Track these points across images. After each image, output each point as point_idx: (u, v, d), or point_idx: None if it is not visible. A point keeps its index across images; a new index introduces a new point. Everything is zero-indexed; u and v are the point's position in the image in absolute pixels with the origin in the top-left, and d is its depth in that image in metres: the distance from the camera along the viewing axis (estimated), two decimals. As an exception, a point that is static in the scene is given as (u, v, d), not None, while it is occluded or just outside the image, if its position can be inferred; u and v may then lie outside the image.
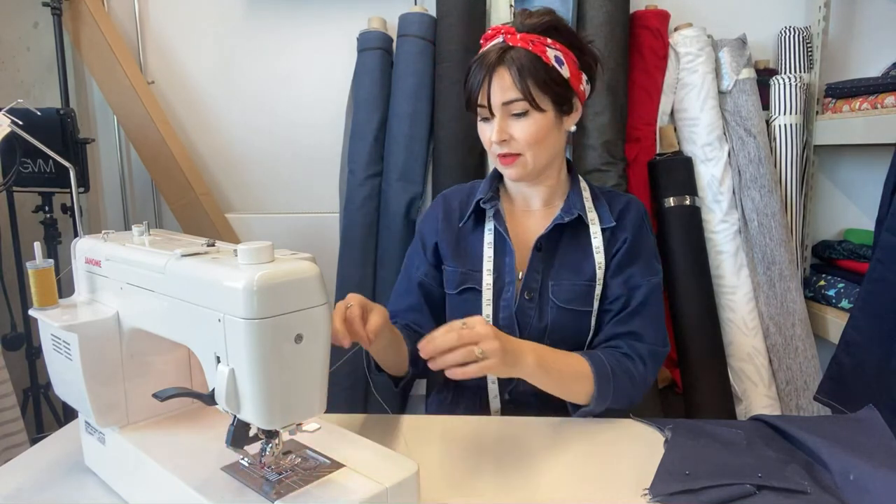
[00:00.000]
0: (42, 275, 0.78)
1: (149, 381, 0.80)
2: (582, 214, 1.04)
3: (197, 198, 2.04)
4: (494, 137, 0.98)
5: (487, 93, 0.96)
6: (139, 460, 0.74)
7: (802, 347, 1.79)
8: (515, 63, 0.94)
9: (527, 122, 0.97)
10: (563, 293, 1.03)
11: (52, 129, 1.73)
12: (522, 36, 0.96)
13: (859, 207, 2.03)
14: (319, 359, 0.64)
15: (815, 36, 1.90)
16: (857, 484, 0.73)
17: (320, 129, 2.12)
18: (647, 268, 1.04)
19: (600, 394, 0.93)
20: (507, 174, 1.03)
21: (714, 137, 1.82)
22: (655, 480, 0.78)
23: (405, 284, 1.15)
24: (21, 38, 2.10)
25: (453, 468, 0.83)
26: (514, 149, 0.99)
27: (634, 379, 0.97)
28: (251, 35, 2.11)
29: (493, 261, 1.06)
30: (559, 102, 0.98)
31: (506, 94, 0.96)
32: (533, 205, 1.09)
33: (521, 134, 0.97)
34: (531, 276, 1.04)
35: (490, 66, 0.96)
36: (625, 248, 1.04)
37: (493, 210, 1.07)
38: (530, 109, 0.96)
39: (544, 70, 0.95)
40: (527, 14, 0.99)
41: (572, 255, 1.04)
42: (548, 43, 0.96)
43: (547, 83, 0.95)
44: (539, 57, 0.95)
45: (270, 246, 0.62)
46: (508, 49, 0.95)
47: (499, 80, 0.96)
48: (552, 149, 1.01)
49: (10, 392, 1.67)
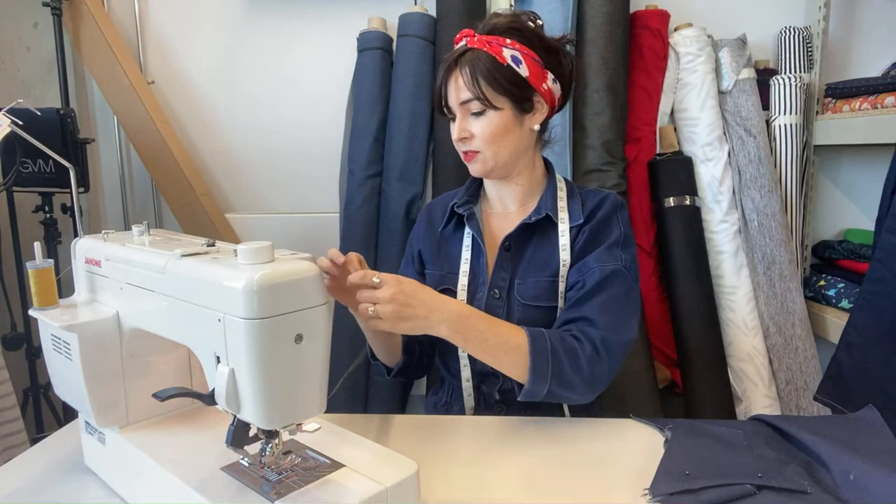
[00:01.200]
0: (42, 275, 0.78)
1: (149, 381, 0.80)
2: (551, 214, 1.05)
3: (197, 198, 2.04)
4: (454, 135, 1.03)
5: (445, 93, 1.02)
6: (139, 460, 0.74)
7: (802, 347, 1.79)
8: (469, 64, 0.98)
9: (484, 121, 1.00)
10: (528, 290, 1.04)
11: (52, 129, 1.73)
12: (480, 38, 0.99)
13: (859, 207, 2.03)
14: (319, 359, 0.64)
15: (815, 36, 1.90)
16: (857, 484, 0.73)
17: (320, 129, 2.12)
18: (605, 254, 1.01)
19: (536, 369, 0.89)
20: (471, 170, 1.06)
21: (714, 137, 1.82)
22: (655, 480, 0.78)
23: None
24: (21, 38, 2.10)
25: (453, 468, 0.83)
26: (473, 146, 1.02)
27: (579, 361, 0.92)
28: (251, 35, 2.12)
29: (469, 262, 1.08)
30: (517, 101, 1.00)
31: (460, 95, 1.00)
32: (508, 206, 1.11)
33: (478, 131, 1.00)
34: (498, 274, 1.06)
35: (448, 68, 1.01)
36: (585, 238, 1.04)
37: (466, 213, 1.10)
38: (486, 108, 0.99)
39: (497, 70, 0.97)
40: (494, 16, 1.03)
41: (540, 254, 1.05)
42: (506, 43, 0.98)
43: (499, 81, 0.98)
44: (493, 57, 0.97)
45: (270, 246, 0.62)
46: (467, 51, 0.99)
47: (454, 82, 1.00)
48: (513, 146, 1.03)
49: (10, 392, 1.67)
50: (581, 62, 1.79)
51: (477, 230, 1.08)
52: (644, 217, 1.85)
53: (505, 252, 1.06)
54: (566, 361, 0.91)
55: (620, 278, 1.00)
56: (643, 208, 1.85)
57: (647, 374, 1.75)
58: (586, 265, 1.01)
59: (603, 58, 1.76)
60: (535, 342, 0.91)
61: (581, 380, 0.92)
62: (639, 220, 1.85)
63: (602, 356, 0.94)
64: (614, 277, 0.99)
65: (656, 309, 1.84)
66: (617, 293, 0.99)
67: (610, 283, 0.99)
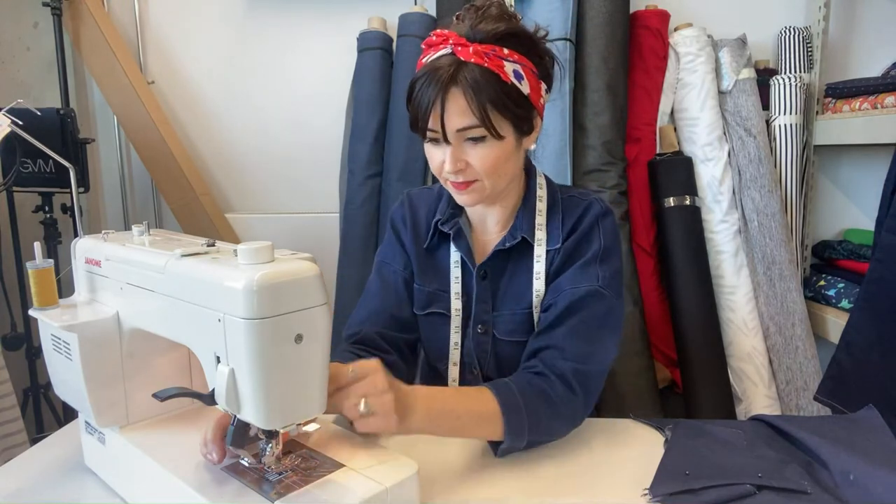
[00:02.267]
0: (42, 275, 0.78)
1: (149, 381, 0.80)
2: (527, 236, 0.93)
3: (197, 198, 2.04)
4: (449, 167, 0.85)
5: (441, 117, 0.82)
6: (139, 460, 0.74)
7: (802, 347, 1.79)
8: (470, 83, 0.80)
9: (485, 149, 0.85)
10: (504, 324, 0.95)
11: (52, 129, 1.73)
12: (476, 48, 0.81)
13: (859, 207, 2.03)
14: (319, 359, 0.64)
15: (815, 36, 1.90)
16: (857, 484, 0.73)
17: (320, 129, 2.12)
18: (580, 274, 0.90)
19: (511, 429, 0.80)
20: (462, 200, 0.91)
21: (714, 137, 1.82)
22: (655, 480, 0.78)
23: (378, 285, 1.03)
24: (21, 38, 2.10)
25: (453, 468, 0.83)
26: (469, 176, 0.87)
27: (554, 403, 0.83)
28: (251, 35, 2.11)
29: (461, 282, 0.96)
30: (519, 124, 0.87)
31: (462, 120, 0.82)
32: (489, 226, 0.99)
33: (478, 161, 0.85)
34: (480, 307, 0.96)
35: (441, 85, 0.81)
36: (561, 257, 0.92)
37: (454, 230, 0.97)
38: (488, 136, 0.84)
39: (503, 90, 0.82)
40: (478, 16, 0.85)
41: (516, 282, 0.95)
42: (505, 55, 0.82)
43: (507, 105, 0.83)
44: (497, 74, 0.81)
45: (270, 246, 0.62)
46: (461, 65, 0.81)
47: (453, 104, 0.82)
48: (511, 173, 0.91)
49: (10, 392, 1.67)
50: (581, 62, 1.79)
51: (466, 250, 0.96)
52: (644, 217, 1.85)
53: (482, 281, 0.95)
54: (538, 407, 0.82)
55: (595, 299, 0.89)
56: (643, 208, 1.85)
57: (647, 374, 1.75)
58: (559, 286, 0.91)
59: (603, 58, 1.76)
60: (504, 402, 0.80)
61: (561, 423, 0.86)
62: (639, 220, 1.85)
63: (576, 392, 0.85)
64: (588, 299, 0.89)
65: (656, 309, 1.84)
66: (590, 316, 0.88)
67: (583, 305, 0.88)
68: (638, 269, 1.82)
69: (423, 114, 0.84)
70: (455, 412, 0.78)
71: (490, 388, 0.82)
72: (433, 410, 0.77)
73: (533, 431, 0.82)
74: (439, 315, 0.99)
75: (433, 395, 0.79)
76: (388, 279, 1.03)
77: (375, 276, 1.05)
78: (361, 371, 0.72)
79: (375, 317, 0.99)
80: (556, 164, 1.76)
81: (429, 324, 1.01)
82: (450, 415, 0.78)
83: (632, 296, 1.76)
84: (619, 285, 0.93)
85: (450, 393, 0.82)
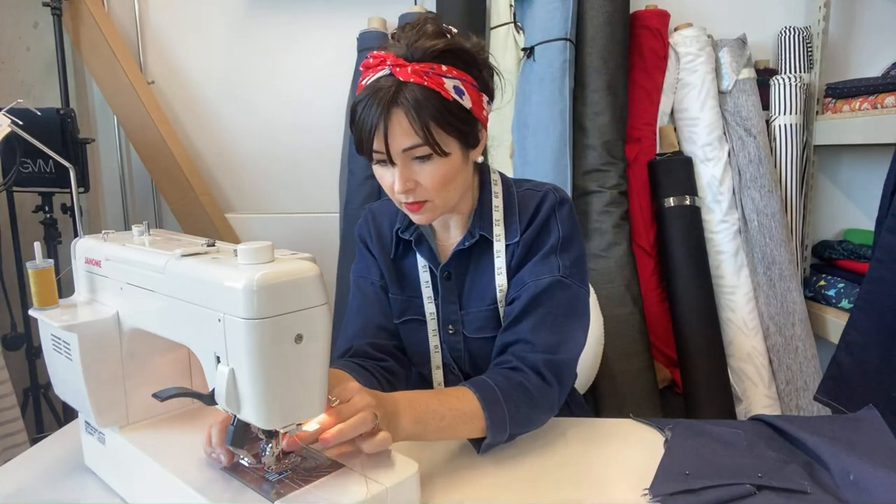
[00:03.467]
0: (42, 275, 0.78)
1: (149, 381, 0.80)
2: (485, 234, 0.94)
3: (197, 198, 2.04)
4: (398, 188, 0.85)
5: (384, 138, 0.82)
6: (139, 460, 0.74)
7: (802, 347, 1.79)
8: (412, 103, 0.80)
9: (432, 167, 0.84)
10: (471, 322, 0.96)
11: (52, 129, 1.73)
12: (414, 67, 0.81)
13: (859, 207, 2.03)
14: (319, 359, 0.64)
15: (815, 36, 1.90)
16: (857, 484, 0.73)
17: (320, 129, 2.12)
18: (540, 265, 0.91)
19: (494, 423, 0.82)
20: (417, 219, 0.91)
21: (714, 137, 1.82)
22: (655, 480, 0.78)
23: (360, 300, 1.04)
24: (21, 38, 2.10)
25: (453, 468, 0.83)
26: (420, 196, 0.87)
27: (531, 395, 0.85)
28: (251, 35, 2.12)
29: (430, 286, 0.98)
30: (464, 139, 0.86)
31: (405, 140, 0.82)
32: (451, 230, 1.00)
33: (427, 180, 0.85)
34: (447, 308, 0.97)
35: (383, 106, 0.81)
36: (520, 251, 0.93)
37: (414, 236, 0.98)
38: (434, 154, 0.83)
39: (444, 107, 0.82)
40: (415, 34, 0.84)
41: (480, 280, 0.96)
42: (443, 72, 0.82)
43: (450, 121, 0.82)
44: (437, 92, 0.81)
45: (270, 246, 0.62)
46: (400, 85, 0.81)
47: (396, 124, 0.81)
48: (462, 186, 0.91)
49: (10, 392, 1.67)
50: (581, 62, 1.79)
51: (429, 255, 0.97)
52: (644, 217, 1.85)
53: (446, 282, 0.97)
54: (518, 400, 0.84)
55: (559, 289, 0.90)
56: (643, 208, 1.85)
57: (647, 374, 1.75)
58: (521, 280, 0.92)
59: (603, 58, 1.76)
60: (484, 397, 0.82)
61: (539, 413, 0.88)
62: (639, 220, 1.85)
63: (550, 381, 0.86)
64: (552, 289, 0.90)
65: (656, 309, 1.84)
66: (555, 306, 0.90)
67: (547, 296, 0.89)
68: (638, 269, 1.82)
69: (367, 136, 0.83)
70: (439, 413, 0.79)
71: (468, 385, 0.84)
72: (418, 413, 0.78)
73: (514, 424, 0.84)
74: (416, 321, 1.00)
75: (416, 398, 0.80)
76: (367, 292, 1.04)
77: (355, 292, 1.06)
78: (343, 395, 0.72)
79: (363, 331, 1.01)
80: (556, 164, 1.76)
81: (407, 330, 1.02)
82: (434, 415, 0.79)
83: (632, 296, 1.76)
84: (582, 272, 0.94)
85: (431, 395, 0.82)
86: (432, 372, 1.00)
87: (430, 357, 1.00)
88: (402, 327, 1.02)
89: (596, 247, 1.77)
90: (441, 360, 1.00)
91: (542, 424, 0.90)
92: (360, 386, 0.74)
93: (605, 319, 1.33)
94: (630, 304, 1.75)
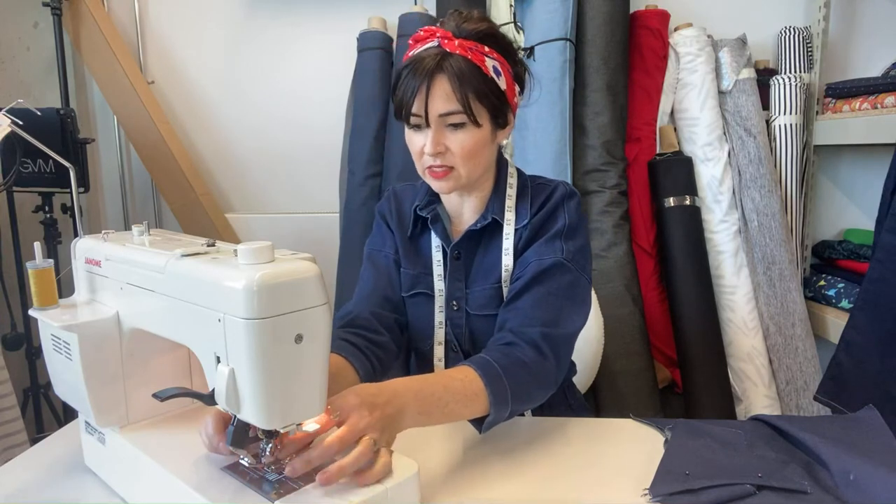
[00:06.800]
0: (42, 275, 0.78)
1: (149, 381, 0.80)
2: (497, 217, 0.99)
3: (197, 198, 2.04)
4: (429, 149, 0.91)
5: (425, 101, 0.89)
6: (139, 460, 0.74)
7: (802, 347, 1.79)
8: (455, 71, 0.88)
9: (464, 135, 0.91)
10: (475, 300, 1.00)
11: (52, 129, 1.73)
12: (460, 42, 0.89)
13: (859, 207, 2.03)
14: (319, 359, 0.64)
15: (815, 36, 1.90)
16: (857, 484, 0.73)
17: (320, 129, 2.12)
18: (545, 247, 0.95)
19: (497, 399, 0.83)
20: (438, 187, 0.97)
21: (714, 137, 1.82)
22: (655, 480, 0.78)
23: (371, 271, 1.08)
24: (21, 38, 2.10)
25: (453, 468, 0.83)
26: (447, 161, 0.93)
27: (529, 368, 0.86)
28: (251, 35, 2.12)
29: (442, 264, 1.02)
30: (496, 116, 0.93)
31: (445, 105, 0.89)
32: (465, 214, 1.04)
33: (457, 147, 0.91)
34: (454, 285, 1.01)
35: (428, 72, 0.88)
36: (528, 233, 0.98)
37: (431, 214, 1.03)
38: (467, 122, 0.90)
39: (483, 81, 0.90)
40: (462, 17, 0.93)
41: (487, 260, 1.00)
42: (486, 52, 0.90)
43: (486, 95, 0.90)
44: (479, 67, 0.89)
45: (270, 246, 0.62)
46: (446, 55, 0.89)
47: (438, 88, 0.89)
48: (485, 163, 0.97)
49: (10, 392, 1.67)
50: (581, 62, 1.79)
51: (443, 234, 1.02)
52: (644, 217, 1.85)
53: (455, 261, 1.01)
54: (518, 374, 0.85)
55: (560, 270, 0.94)
56: (643, 208, 1.85)
57: (647, 374, 1.75)
58: (525, 259, 0.96)
59: (603, 58, 1.76)
60: (485, 374, 0.83)
61: (537, 387, 0.89)
62: (639, 220, 1.85)
63: (546, 355, 0.88)
64: (553, 270, 0.94)
65: (656, 309, 1.84)
66: (555, 286, 0.93)
67: (549, 276, 0.93)
68: (638, 269, 1.82)
69: (408, 98, 0.90)
70: (443, 400, 0.79)
71: (469, 363, 0.85)
72: (422, 405, 0.77)
73: (515, 400, 0.84)
74: (423, 295, 1.04)
75: (421, 389, 0.79)
76: (379, 263, 1.08)
77: (367, 264, 1.11)
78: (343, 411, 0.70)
79: (368, 299, 1.05)
80: (556, 164, 1.76)
81: (414, 305, 1.05)
82: (438, 403, 0.79)
83: (632, 296, 1.76)
84: (585, 262, 0.98)
85: (435, 381, 0.82)
86: (434, 348, 1.03)
87: (434, 332, 1.03)
88: (410, 301, 1.06)
89: (596, 247, 1.77)
90: (444, 337, 1.03)
91: (541, 400, 0.91)
92: (358, 397, 0.71)
93: (605, 319, 1.33)
94: (630, 304, 1.75)
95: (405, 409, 0.75)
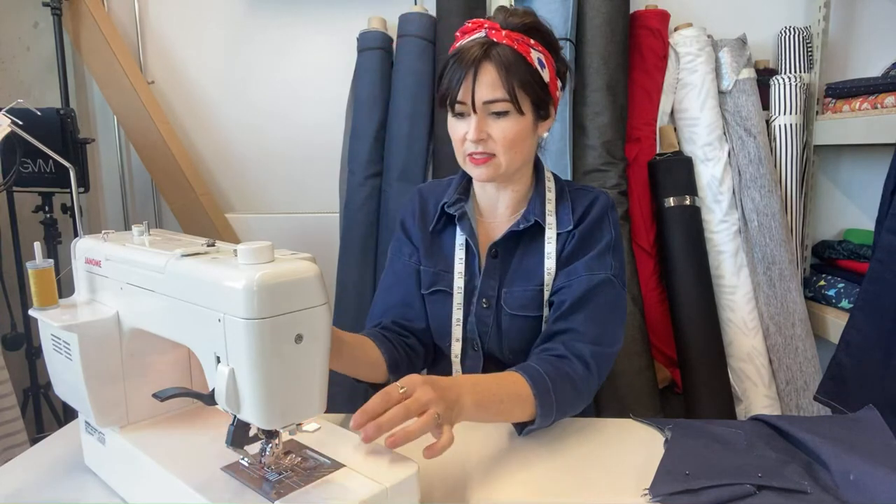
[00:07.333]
0: (42, 275, 0.78)
1: (149, 381, 0.80)
2: (539, 220, 1.00)
3: (197, 198, 2.04)
4: (472, 136, 0.93)
5: (472, 88, 0.91)
6: (139, 460, 0.74)
7: (802, 347, 1.79)
8: (502, 60, 0.90)
9: (506, 123, 0.93)
10: (514, 300, 1.01)
11: (52, 129, 1.73)
12: (507, 33, 0.92)
13: (859, 207, 2.03)
14: (319, 359, 0.64)
15: (815, 36, 1.90)
16: (857, 484, 0.73)
17: (320, 129, 2.12)
18: (596, 262, 0.98)
19: (543, 410, 0.86)
20: (477, 174, 0.98)
21: (714, 137, 1.82)
22: (655, 480, 0.78)
23: (391, 278, 1.11)
24: (21, 38, 2.10)
25: (453, 468, 0.83)
26: (489, 149, 0.94)
27: (576, 384, 0.90)
28: (251, 35, 2.12)
29: (464, 263, 1.04)
30: (538, 106, 0.95)
31: (491, 92, 0.91)
32: (499, 211, 1.06)
33: (499, 134, 0.93)
34: (486, 283, 1.02)
35: (475, 60, 0.91)
36: (573, 244, 0.99)
37: (458, 212, 1.04)
38: (511, 110, 0.92)
39: (528, 71, 0.92)
40: (509, 12, 0.95)
41: (528, 262, 1.01)
42: (531, 43, 0.93)
43: (531, 84, 0.92)
44: (524, 57, 0.92)
45: (270, 246, 0.62)
46: (493, 45, 0.91)
47: (485, 75, 0.91)
48: (526, 153, 0.98)
49: (10, 392, 1.67)
50: (581, 62, 1.79)
51: (469, 232, 1.03)
52: (644, 217, 1.85)
53: (492, 259, 1.02)
54: (565, 389, 0.88)
55: (609, 287, 0.97)
56: (643, 208, 1.85)
57: (647, 374, 1.75)
58: (575, 271, 0.98)
59: (603, 58, 1.76)
60: (535, 383, 0.86)
61: (579, 401, 0.92)
62: (639, 220, 1.85)
63: (592, 372, 0.92)
64: (603, 286, 0.96)
65: (656, 309, 1.84)
66: (604, 302, 0.96)
67: (598, 292, 0.96)
68: (638, 269, 1.82)
69: (455, 85, 0.92)
70: (498, 396, 0.83)
71: (519, 372, 0.88)
72: (480, 397, 0.81)
73: (559, 411, 0.88)
74: (443, 293, 1.05)
75: (478, 382, 0.83)
76: (399, 271, 1.10)
77: (388, 270, 1.13)
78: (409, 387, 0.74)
79: (392, 309, 1.08)
80: (556, 164, 1.76)
81: (433, 302, 1.06)
82: (494, 399, 0.83)
83: (632, 296, 1.76)
84: (625, 277, 1.01)
85: (491, 378, 0.86)
86: (452, 345, 1.04)
87: (452, 330, 1.04)
88: (429, 298, 1.07)
89: (596, 247, 1.77)
90: (462, 334, 1.04)
91: (578, 411, 0.94)
92: (423, 378, 0.76)
93: (605, 319, 1.32)
94: (630, 304, 1.75)
95: (464, 396, 0.79)
